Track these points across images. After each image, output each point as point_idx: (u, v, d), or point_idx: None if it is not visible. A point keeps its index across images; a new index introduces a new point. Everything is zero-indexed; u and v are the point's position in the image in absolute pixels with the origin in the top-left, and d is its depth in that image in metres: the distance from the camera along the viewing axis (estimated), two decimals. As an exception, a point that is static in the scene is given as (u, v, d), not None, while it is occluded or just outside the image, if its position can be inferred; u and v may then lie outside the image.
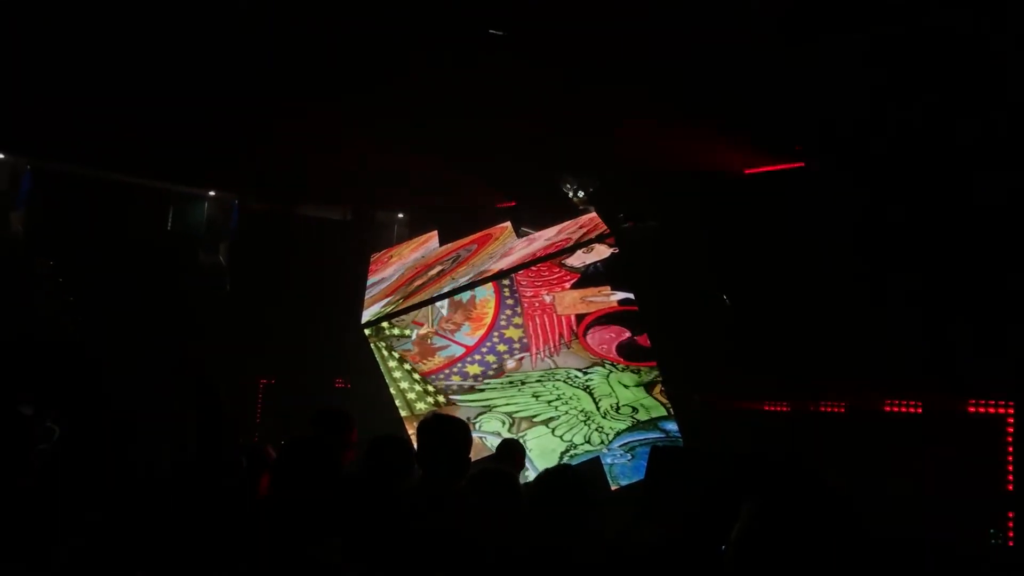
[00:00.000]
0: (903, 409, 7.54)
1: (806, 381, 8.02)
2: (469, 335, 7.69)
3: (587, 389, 7.60)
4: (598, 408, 7.59)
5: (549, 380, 7.60)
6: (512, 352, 7.65)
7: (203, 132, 8.62)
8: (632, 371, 7.57)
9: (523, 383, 7.61)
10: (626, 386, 7.58)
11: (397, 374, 7.71)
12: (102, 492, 3.59)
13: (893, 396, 7.60)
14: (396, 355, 7.69)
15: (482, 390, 7.64)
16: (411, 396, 7.71)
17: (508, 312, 7.69)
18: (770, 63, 6.41)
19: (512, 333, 7.70)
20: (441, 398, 7.73)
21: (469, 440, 3.94)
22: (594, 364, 7.58)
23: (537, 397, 7.64)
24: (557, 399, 7.63)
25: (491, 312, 7.71)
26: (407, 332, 7.67)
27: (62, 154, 9.78)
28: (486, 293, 7.69)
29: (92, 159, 9.84)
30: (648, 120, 7.51)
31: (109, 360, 8.87)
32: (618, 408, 7.57)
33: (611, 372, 7.57)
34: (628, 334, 7.61)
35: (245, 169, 9.85)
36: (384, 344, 7.68)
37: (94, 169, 10.04)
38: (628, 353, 7.61)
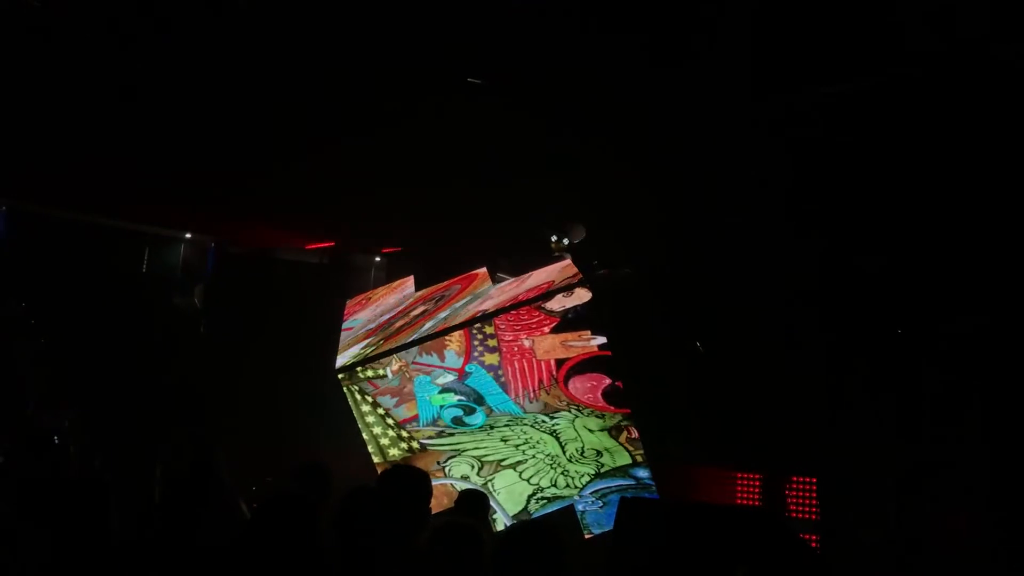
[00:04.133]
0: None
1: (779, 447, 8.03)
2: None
3: (553, 433, 7.60)
4: (564, 452, 7.60)
5: (517, 424, 7.61)
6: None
7: (180, 176, 8.64)
8: (597, 415, 7.59)
9: (492, 427, 7.62)
10: (591, 430, 7.59)
11: (370, 419, 7.69)
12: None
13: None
14: (369, 399, 7.68)
15: (451, 434, 7.64)
16: (384, 442, 7.69)
17: (477, 360, 7.71)
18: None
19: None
20: (415, 444, 7.71)
21: (429, 492, 3.93)
22: (559, 409, 7.60)
23: (505, 441, 7.65)
24: (525, 443, 7.64)
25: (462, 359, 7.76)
26: (381, 372, 7.67)
27: (37, 196, 9.76)
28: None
29: (67, 201, 9.82)
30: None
31: (81, 405, 8.84)
32: (583, 452, 7.58)
33: (576, 417, 7.59)
34: (608, 380, 7.63)
35: (222, 213, 9.88)
36: (357, 388, 7.67)
37: (69, 211, 10.02)
38: (610, 399, 7.63)
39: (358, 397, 7.70)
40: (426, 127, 7.26)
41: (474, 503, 5.67)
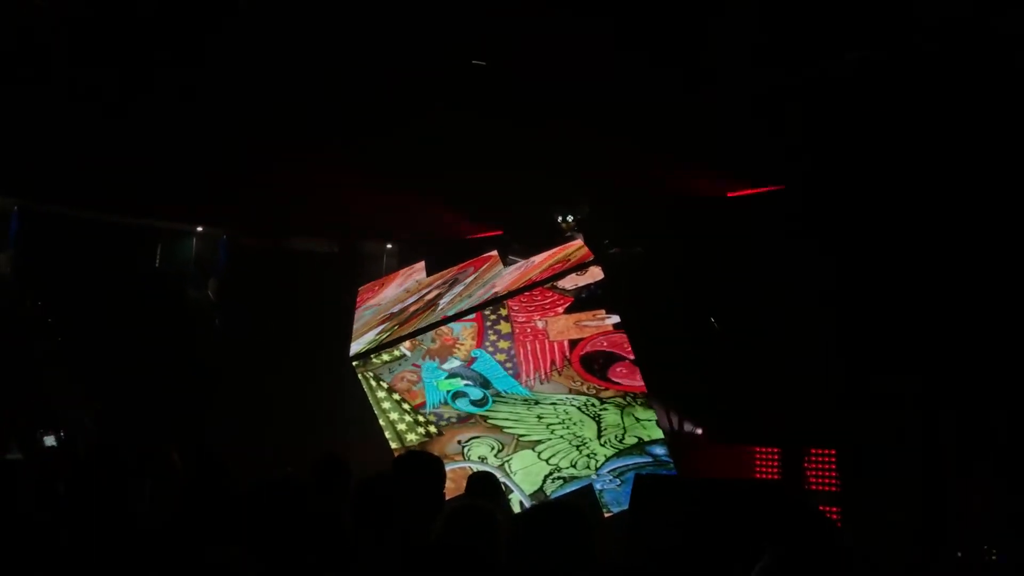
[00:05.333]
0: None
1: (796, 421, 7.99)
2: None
3: (596, 418, 7.60)
4: (599, 436, 7.59)
5: (562, 404, 7.62)
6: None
7: (190, 170, 8.66)
8: (647, 405, 7.59)
9: (537, 403, 7.63)
10: (638, 419, 7.60)
11: (386, 405, 7.72)
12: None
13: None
14: (384, 386, 7.70)
15: (490, 402, 7.66)
16: (401, 427, 7.72)
17: (492, 339, 7.73)
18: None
19: (498, 357, 7.76)
20: (432, 428, 7.73)
21: (443, 476, 3.93)
22: (576, 391, 7.61)
23: (540, 419, 7.65)
24: (560, 423, 7.64)
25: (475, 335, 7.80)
26: (397, 354, 7.70)
27: (50, 194, 9.81)
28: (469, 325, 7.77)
29: (80, 199, 9.86)
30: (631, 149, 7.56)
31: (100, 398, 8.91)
32: (621, 439, 7.58)
33: (628, 405, 7.60)
34: (623, 358, 7.64)
35: (232, 206, 9.89)
36: (372, 375, 7.70)
37: (82, 209, 10.07)
38: (621, 377, 7.64)
39: (373, 383, 7.73)
40: (432, 118, 7.25)
41: (486, 485, 5.67)
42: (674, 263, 8.67)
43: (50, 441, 4.72)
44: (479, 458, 7.61)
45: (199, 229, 10.81)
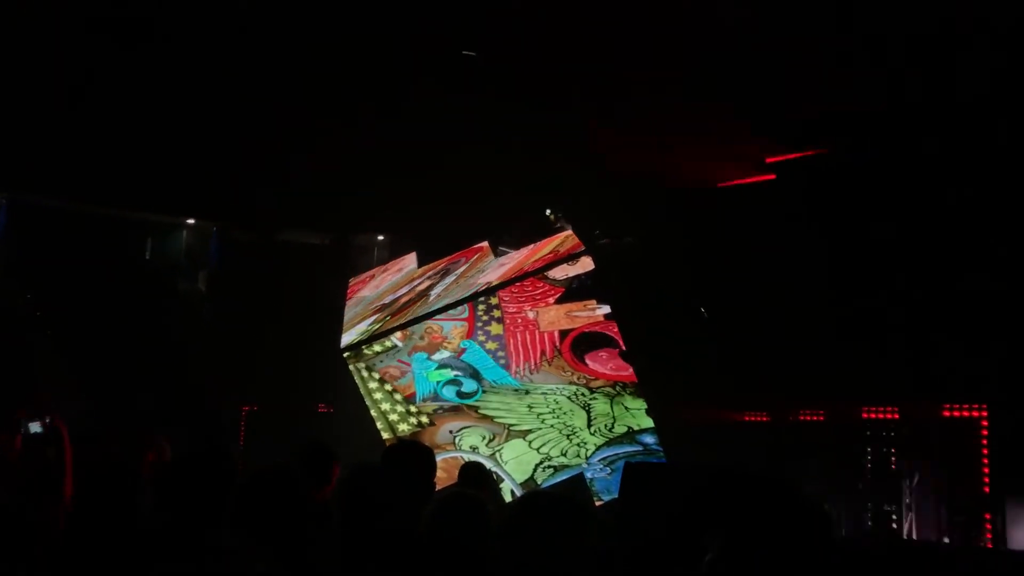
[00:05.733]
0: (880, 416, 7.62)
1: (785, 391, 8.07)
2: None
3: (587, 407, 7.63)
4: (589, 425, 7.62)
5: (552, 394, 7.64)
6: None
7: (181, 161, 8.65)
8: (638, 395, 7.63)
9: (527, 392, 7.65)
10: (627, 408, 7.63)
11: (378, 395, 7.73)
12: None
13: (871, 404, 7.66)
14: (376, 376, 7.71)
15: (480, 393, 7.68)
16: (393, 418, 7.73)
17: (483, 330, 7.75)
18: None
19: (489, 347, 7.78)
20: (424, 418, 7.75)
21: (434, 465, 3.93)
22: (565, 381, 7.64)
23: (530, 408, 7.68)
24: (551, 413, 7.67)
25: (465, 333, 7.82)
26: (389, 344, 7.71)
27: (38, 187, 9.78)
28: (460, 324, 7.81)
29: (68, 191, 9.83)
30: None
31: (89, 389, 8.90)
32: (611, 428, 7.61)
33: (618, 395, 7.62)
34: (613, 348, 7.67)
35: (224, 197, 9.88)
36: (364, 365, 7.71)
37: (71, 201, 10.04)
38: (611, 367, 7.66)
39: (365, 375, 7.74)
40: (421, 105, 7.25)
41: (477, 475, 5.70)
42: (664, 253, 8.71)
43: (35, 428, 4.73)
44: (470, 448, 7.63)
45: (190, 222, 10.79)
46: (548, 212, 8.96)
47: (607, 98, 7.11)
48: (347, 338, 8.06)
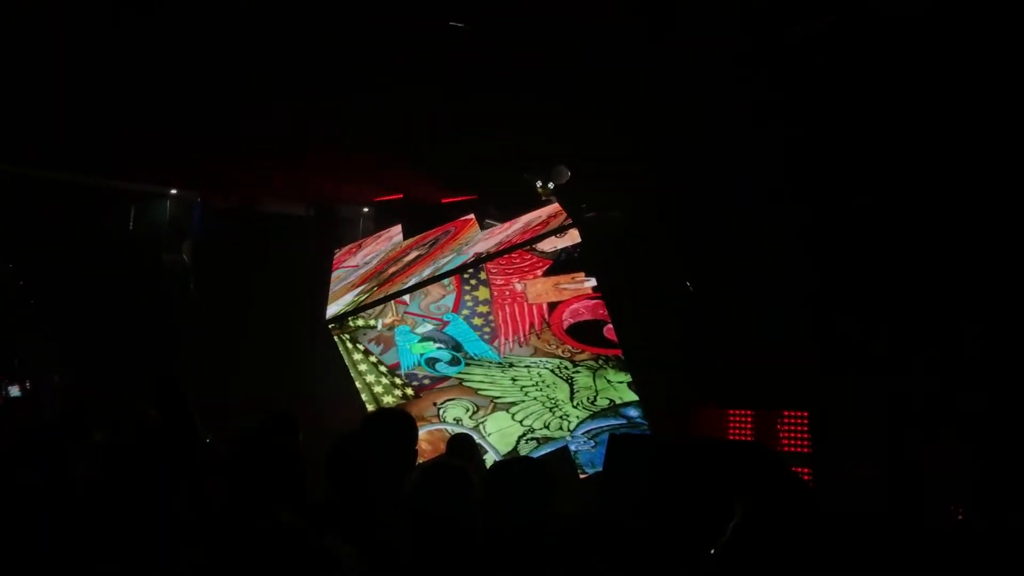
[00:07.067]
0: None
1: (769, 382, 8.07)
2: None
3: (569, 380, 7.66)
4: (572, 398, 7.65)
5: (535, 367, 7.66)
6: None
7: (164, 130, 8.56)
8: (621, 368, 7.64)
9: (511, 365, 7.67)
10: (609, 381, 7.65)
11: (363, 367, 7.73)
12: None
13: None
14: (361, 348, 7.71)
15: (463, 365, 7.70)
16: (378, 389, 7.73)
17: (469, 304, 7.75)
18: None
19: (476, 321, 7.78)
20: (409, 390, 7.76)
21: (415, 432, 3.93)
22: (551, 354, 7.66)
23: (514, 381, 7.70)
24: (534, 386, 7.70)
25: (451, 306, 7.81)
26: (372, 323, 7.70)
27: (19, 156, 9.67)
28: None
29: (49, 160, 9.74)
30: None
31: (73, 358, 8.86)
32: (594, 401, 7.64)
33: (600, 368, 7.65)
34: (600, 322, 7.69)
35: (207, 167, 9.80)
36: (348, 337, 7.70)
37: (52, 170, 9.94)
38: (598, 340, 7.68)
39: (349, 346, 7.73)
40: (408, 79, 7.20)
41: (462, 446, 5.74)
42: (651, 227, 8.70)
43: (15, 392, 4.74)
44: (454, 420, 7.66)
45: (173, 192, 10.71)
46: (538, 184, 8.93)
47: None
48: (333, 309, 8.04)
